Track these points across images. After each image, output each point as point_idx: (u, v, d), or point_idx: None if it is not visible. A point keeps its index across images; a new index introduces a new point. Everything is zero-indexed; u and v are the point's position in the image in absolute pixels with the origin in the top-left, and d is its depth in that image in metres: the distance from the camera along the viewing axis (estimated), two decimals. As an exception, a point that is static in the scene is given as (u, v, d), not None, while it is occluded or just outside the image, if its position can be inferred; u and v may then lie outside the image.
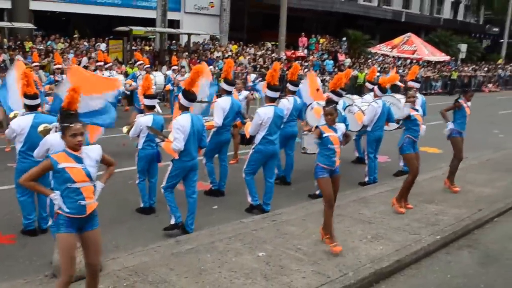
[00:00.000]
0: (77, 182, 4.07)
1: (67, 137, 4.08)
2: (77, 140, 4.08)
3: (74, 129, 4.06)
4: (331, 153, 5.95)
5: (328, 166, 5.96)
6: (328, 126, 5.98)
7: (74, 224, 4.12)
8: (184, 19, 29.43)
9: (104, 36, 24.14)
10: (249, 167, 7.57)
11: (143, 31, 24.01)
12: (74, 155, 4.11)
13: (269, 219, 7.02)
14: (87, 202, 4.12)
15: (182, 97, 6.54)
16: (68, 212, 4.07)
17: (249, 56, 25.73)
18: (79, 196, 4.09)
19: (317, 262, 5.64)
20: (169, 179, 6.61)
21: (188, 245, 5.96)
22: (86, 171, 4.12)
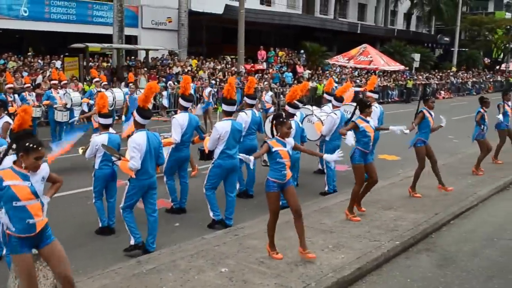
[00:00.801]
0: (22, 200, 4.00)
1: (30, 158, 4.02)
2: (39, 164, 4.08)
3: (41, 153, 4.06)
4: (281, 167, 5.95)
5: (278, 180, 5.97)
6: (276, 140, 6.00)
7: (27, 244, 4.05)
8: (141, 34, 29.21)
9: (60, 53, 23.71)
10: (209, 182, 7.54)
11: (100, 48, 23.70)
12: (21, 173, 4.05)
13: (232, 233, 7.00)
14: (36, 220, 4.05)
15: (137, 114, 6.48)
16: (18, 232, 3.99)
17: (209, 71, 25.73)
18: (26, 214, 4.01)
19: (280, 274, 5.65)
20: (127, 198, 6.51)
21: (149, 265, 5.87)
22: (32, 189, 4.05)
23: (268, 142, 5.97)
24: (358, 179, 7.69)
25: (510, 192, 9.93)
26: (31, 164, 4.05)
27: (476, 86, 40.97)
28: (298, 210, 6.07)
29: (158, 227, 6.76)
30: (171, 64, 26.22)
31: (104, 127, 7.26)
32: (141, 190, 6.50)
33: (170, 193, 8.33)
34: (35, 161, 4.05)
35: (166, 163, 8.02)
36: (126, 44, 25.12)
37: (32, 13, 25.17)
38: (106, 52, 26.02)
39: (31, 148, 4.03)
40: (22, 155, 4.06)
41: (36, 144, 4.06)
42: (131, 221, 6.56)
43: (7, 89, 14.53)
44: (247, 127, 8.66)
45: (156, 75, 22.67)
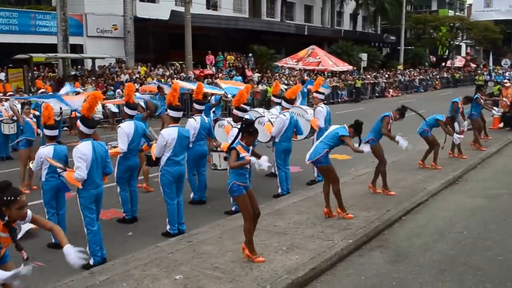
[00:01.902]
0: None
1: (12, 210, 3.97)
2: (24, 212, 4.04)
3: (21, 202, 4.02)
4: (245, 171, 6.10)
5: (244, 184, 6.08)
6: (242, 146, 6.05)
7: None
8: (87, 43, 28.64)
9: (4, 64, 22.98)
10: (165, 192, 7.45)
11: (44, 58, 23.13)
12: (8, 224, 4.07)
13: (185, 240, 6.95)
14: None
15: (81, 124, 6.36)
16: None
17: (157, 77, 25.47)
18: None
19: (235, 279, 5.65)
20: (84, 213, 6.39)
21: (102, 276, 5.77)
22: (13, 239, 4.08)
23: (236, 147, 6.00)
24: (332, 176, 7.82)
25: (459, 186, 10.26)
26: (16, 215, 4.03)
27: (424, 83, 42.18)
28: (259, 213, 6.30)
29: (111, 238, 6.66)
30: (119, 72, 25.84)
31: (50, 139, 7.08)
32: (90, 200, 6.37)
33: (123, 204, 8.17)
34: (19, 211, 4.02)
35: (116, 172, 7.89)
36: (71, 53, 24.59)
37: (-27, 24, 24.34)
38: (51, 62, 25.38)
39: (10, 200, 3.98)
40: (4, 209, 3.99)
41: (14, 195, 4.00)
42: (96, 241, 6.41)
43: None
44: (196, 133, 8.62)
45: (104, 84, 22.28)
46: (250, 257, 6.11)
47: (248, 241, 6.15)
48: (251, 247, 6.15)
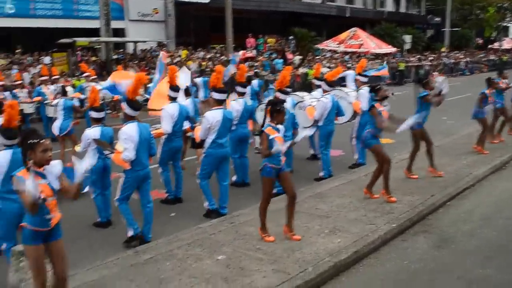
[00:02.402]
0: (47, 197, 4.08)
1: (37, 153, 4.05)
2: (48, 155, 4.11)
3: (45, 145, 4.09)
4: (278, 153, 6.04)
5: (275, 165, 6.06)
6: (272, 127, 6.03)
7: (40, 237, 4.16)
8: (129, 27, 29.00)
9: (48, 49, 23.53)
10: (202, 171, 7.52)
11: (87, 42, 23.55)
12: (38, 172, 4.11)
13: (227, 221, 7.01)
14: (52, 215, 4.15)
15: (127, 106, 6.44)
16: (34, 226, 4.10)
17: (198, 60, 25.60)
18: (45, 210, 4.09)
19: (277, 260, 5.66)
20: (122, 190, 6.50)
21: (146, 255, 5.88)
22: (51, 186, 4.13)
23: (265, 130, 5.99)
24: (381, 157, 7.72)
25: (506, 172, 9.95)
26: (41, 158, 4.09)
27: (470, 66, 40.91)
28: (294, 195, 6.22)
29: (154, 218, 6.76)
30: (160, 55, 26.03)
31: (96, 121, 7.22)
32: (136, 181, 6.49)
33: (165, 184, 8.31)
34: (44, 154, 4.08)
35: (160, 154, 8.00)
36: (114, 37, 24.94)
37: (18, 10, 25.02)
38: (94, 46, 25.83)
39: (34, 143, 4.05)
40: (30, 153, 4.08)
41: (38, 138, 4.09)
42: (127, 213, 6.55)
43: (-4, 87, 14.42)
44: (239, 115, 8.62)
45: (146, 67, 22.53)
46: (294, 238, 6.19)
47: (262, 220, 6.26)
48: (263, 226, 6.27)
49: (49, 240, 4.25)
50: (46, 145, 4.10)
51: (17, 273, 4.86)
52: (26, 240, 4.18)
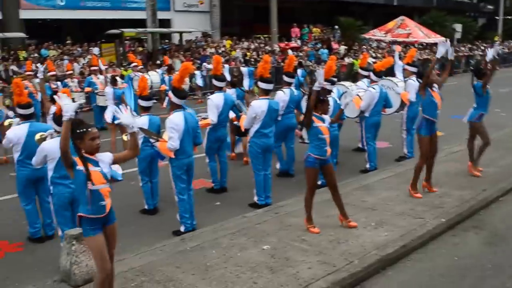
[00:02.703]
0: (96, 184, 4.15)
1: (86, 141, 4.14)
2: (96, 143, 4.19)
3: (93, 133, 4.17)
4: (322, 143, 6.02)
5: (320, 156, 6.01)
6: (316, 117, 5.98)
7: (98, 224, 4.25)
8: (174, 17, 29.32)
9: (97, 40, 24.07)
10: (253, 164, 7.53)
11: (135, 33, 23.95)
12: (91, 159, 4.20)
13: (272, 211, 7.00)
14: (105, 202, 4.24)
15: (173, 95, 6.50)
16: (91, 214, 4.18)
17: (243, 51, 25.64)
18: (99, 197, 4.18)
19: (322, 252, 5.62)
20: (175, 182, 6.57)
21: (193, 243, 5.95)
22: (103, 173, 4.22)
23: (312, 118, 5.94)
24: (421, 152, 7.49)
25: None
26: (90, 146, 4.17)
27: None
28: (336, 186, 6.25)
29: (200, 206, 6.85)
30: (205, 45, 26.26)
31: (145, 109, 7.33)
32: (182, 170, 6.54)
33: (212, 174, 8.39)
34: (92, 142, 4.16)
35: (205, 143, 8.06)
36: (159, 28, 25.27)
37: (68, 2, 25.71)
38: (141, 36, 26.25)
39: (83, 132, 4.15)
40: (79, 142, 4.17)
41: (86, 127, 4.18)
42: (185, 210, 6.59)
43: (50, 77, 14.91)
44: (285, 106, 8.57)
45: (191, 57, 22.73)
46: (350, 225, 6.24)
47: (307, 211, 6.23)
48: (309, 217, 6.23)
49: (106, 224, 4.34)
50: (93, 133, 4.18)
51: (68, 256, 5.03)
52: (86, 231, 4.24)
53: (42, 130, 6.17)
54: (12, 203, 7.82)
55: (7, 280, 5.61)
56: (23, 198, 6.60)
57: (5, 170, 10.15)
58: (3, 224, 7.32)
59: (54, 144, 5.45)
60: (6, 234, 6.93)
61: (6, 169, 10.21)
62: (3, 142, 6.77)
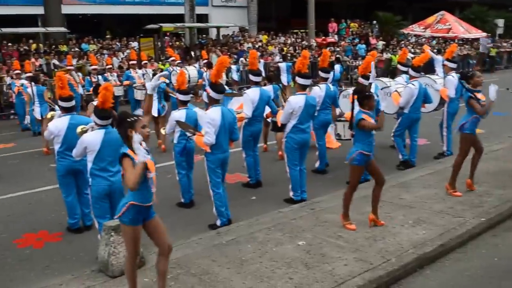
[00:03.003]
0: (152, 172, 4.27)
1: (137, 130, 4.22)
2: (147, 130, 4.30)
3: (143, 121, 4.29)
4: (372, 140, 6.00)
5: (369, 153, 5.98)
6: (366, 113, 5.94)
7: (141, 216, 4.33)
8: (212, 12, 29.50)
9: (135, 34, 24.43)
10: (288, 160, 7.51)
11: (173, 27, 24.19)
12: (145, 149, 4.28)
13: (308, 207, 6.98)
14: (154, 190, 4.35)
15: (211, 90, 6.54)
16: (139, 201, 4.26)
17: (279, 46, 25.59)
18: (150, 183, 4.30)
19: (358, 249, 5.57)
20: (210, 176, 6.61)
21: (228, 237, 5.99)
22: (153, 160, 4.33)
23: (362, 115, 5.91)
24: (462, 149, 7.31)
25: None
26: (141, 133, 4.24)
27: None
28: (383, 181, 6.21)
29: (235, 200, 6.88)
30: (242, 40, 26.31)
31: (183, 103, 7.39)
32: (217, 164, 6.58)
33: (248, 169, 8.40)
34: (143, 129, 4.26)
35: (241, 138, 8.09)
36: (197, 23, 25.45)
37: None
38: (178, 31, 26.49)
39: (133, 121, 4.25)
40: (130, 131, 4.23)
41: (134, 116, 4.31)
42: (221, 203, 6.63)
43: (91, 70, 15.24)
44: (321, 101, 8.53)
45: (228, 52, 22.82)
46: (377, 222, 6.17)
47: (346, 206, 6.18)
48: (346, 213, 6.19)
49: (148, 218, 4.40)
50: (144, 121, 4.30)
51: (107, 247, 5.12)
52: (127, 220, 4.31)
53: (82, 123, 6.29)
54: (53, 193, 8.05)
55: (46, 269, 5.77)
56: (63, 189, 6.75)
57: (47, 161, 10.46)
58: (44, 214, 7.53)
59: (94, 136, 5.56)
60: (46, 224, 7.14)
61: (47, 160, 10.53)
62: (44, 134, 6.93)
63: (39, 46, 21.81)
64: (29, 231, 6.88)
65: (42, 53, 20.77)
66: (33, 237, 6.69)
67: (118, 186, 5.66)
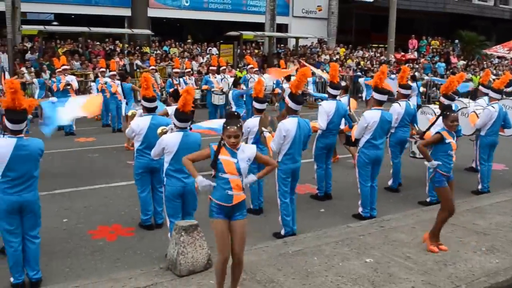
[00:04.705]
0: (227, 173, 4.45)
1: (224, 136, 4.48)
2: (231, 141, 4.46)
3: (230, 131, 4.46)
4: (450, 160, 5.86)
5: (447, 173, 5.84)
6: (448, 132, 5.79)
7: (223, 211, 4.50)
8: (292, 23, 29.71)
9: (216, 40, 25.01)
10: (360, 175, 7.45)
11: (253, 36, 24.55)
12: (231, 150, 4.51)
13: (377, 224, 6.89)
14: (233, 192, 4.48)
15: (290, 100, 6.60)
16: (216, 199, 4.48)
17: (357, 59, 25.37)
18: (227, 186, 4.46)
19: (427, 272, 5.44)
20: (279, 185, 6.67)
21: (295, 247, 6.01)
22: (237, 166, 4.48)
23: (442, 133, 5.81)
24: None
25: None
26: (227, 142, 4.47)
27: None
28: (453, 209, 5.97)
29: (304, 212, 6.88)
30: (320, 52, 26.30)
31: (258, 111, 7.49)
32: (288, 174, 6.62)
33: (318, 181, 8.37)
34: (228, 139, 4.47)
35: (314, 150, 8.11)
36: (277, 32, 25.71)
37: (192, 3, 27.01)
38: (257, 40, 26.85)
39: (224, 127, 4.49)
40: (222, 133, 4.51)
41: (227, 123, 4.49)
42: (287, 213, 6.66)
43: (173, 73, 15.79)
44: (400, 118, 8.41)
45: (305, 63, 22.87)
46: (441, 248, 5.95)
47: (438, 229, 5.95)
48: (436, 235, 5.96)
49: (232, 218, 4.55)
50: (231, 131, 4.44)
51: (176, 246, 5.26)
52: (211, 213, 4.53)
53: (163, 124, 6.52)
54: (128, 189, 8.38)
55: (117, 262, 6.00)
56: (139, 185, 6.97)
57: (124, 157, 10.91)
58: (118, 209, 7.83)
59: (173, 138, 5.73)
60: (120, 218, 7.42)
61: (124, 156, 10.98)
62: (126, 131, 7.22)
63: (124, 47, 22.81)
64: (103, 223, 7.17)
65: (126, 53, 21.69)
66: (106, 229, 6.97)
67: (191, 187, 5.77)
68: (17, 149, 4.98)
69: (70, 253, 6.19)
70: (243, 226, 4.60)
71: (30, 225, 5.24)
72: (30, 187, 5.12)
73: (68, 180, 9.25)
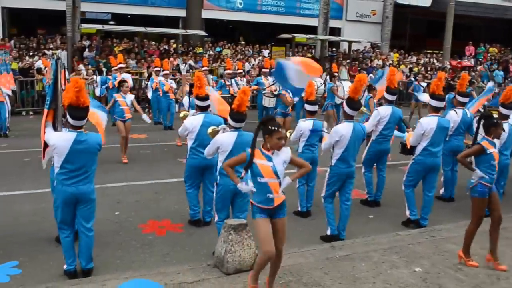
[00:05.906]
0: (265, 177, 4.51)
1: (273, 139, 4.51)
2: (281, 143, 4.53)
3: (281, 134, 4.53)
4: (493, 170, 5.63)
5: (490, 184, 5.62)
6: (489, 141, 5.61)
7: (265, 212, 4.60)
8: (345, 26, 29.46)
9: (268, 42, 25.08)
10: (408, 179, 7.34)
11: (305, 39, 24.48)
12: (266, 154, 4.56)
13: (428, 234, 6.74)
14: (274, 196, 4.55)
15: (346, 105, 6.57)
16: (258, 203, 4.58)
17: (410, 65, 24.90)
18: (267, 189, 4.53)
19: (479, 285, 5.28)
20: (327, 186, 6.67)
21: (342, 252, 5.97)
22: (274, 169, 4.53)
23: (482, 143, 5.60)
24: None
25: None
26: (275, 144, 4.53)
27: None
28: (500, 218, 5.73)
29: (353, 217, 6.81)
30: (373, 56, 25.96)
31: (310, 114, 7.48)
32: (340, 178, 6.58)
33: (366, 185, 8.31)
34: (278, 141, 4.51)
35: (365, 154, 8.03)
36: (330, 36, 25.54)
37: (246, 5, 27.21)
38: (310, 43, 26.77)
39: (273, 130, 4.51)
40: (267, 137, 4.55)
41: (276, 126, 4.53)
42: (330, 211, 6.71)
43: (225, 74, 15.95)
44: (456, 126, 8.19)
45: (358, 67, 22.64)
46: (499, 268, 5.66)
47: (467, 244, 5.78)
48: (467, 249, 5.79)
49: (274, 216, 4.63)
50: (282, 134, 4.51)
51: (224, 244, 5.32)
52: (254, 214, 4.62)
53: (215, 123, 6.60)
54: (178, 186, 8.51)
55: (166, 257, 6.12)
56: (188, 181, 7.10)
57: (174, 155, 11.10)
58: (168, 204, 8.00)
59: (228, 137, 5.78)
60: (170, 214, 7.57)
61: (175, 154, 11.17)
62: (179, 130, 7.34)
63: (178, 47, 23.20)
64: (153, 218, 7.33)
65: (180, 53, 22.06)
66: (156, 224, 7.11)
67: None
68: (76, 143, 5.15)
69: (121, 245, 6.36)
70: (284, 224, 4.72)
71: (85, 217, 5.41)
72: (86, 179, 5.28)
73: (120, 174, 9.50)
